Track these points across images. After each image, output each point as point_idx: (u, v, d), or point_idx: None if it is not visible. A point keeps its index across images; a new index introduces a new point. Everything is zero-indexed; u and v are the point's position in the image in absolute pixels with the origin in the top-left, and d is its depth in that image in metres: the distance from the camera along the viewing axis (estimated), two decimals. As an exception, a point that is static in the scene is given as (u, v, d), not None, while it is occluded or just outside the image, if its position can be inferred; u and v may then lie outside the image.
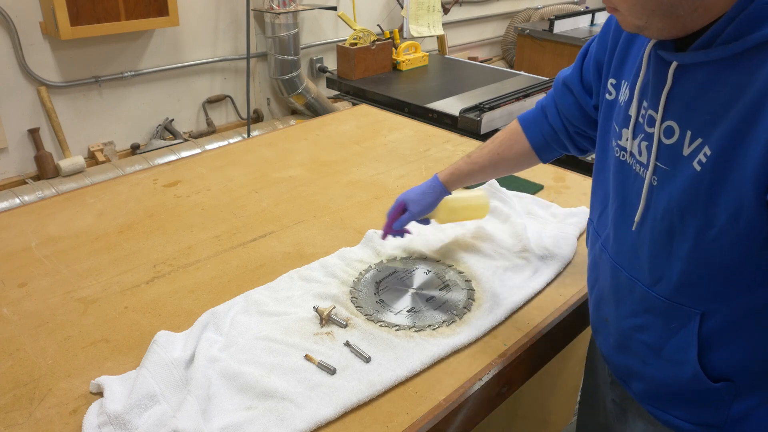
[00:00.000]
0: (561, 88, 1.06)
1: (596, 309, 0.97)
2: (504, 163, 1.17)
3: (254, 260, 1.27)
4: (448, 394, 0.93)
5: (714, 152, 0.70)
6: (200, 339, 1.01)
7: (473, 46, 4.84)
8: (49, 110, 2.77)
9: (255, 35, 3.41)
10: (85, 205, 1.50)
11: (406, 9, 3.30)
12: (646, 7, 0.69)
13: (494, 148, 1.17)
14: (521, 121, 1.15)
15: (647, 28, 0.72)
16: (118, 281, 1.20)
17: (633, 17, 0.72)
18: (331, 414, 0.88)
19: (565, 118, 1.06)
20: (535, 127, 1.12)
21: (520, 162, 1.17)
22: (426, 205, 1.20)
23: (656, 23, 0.71)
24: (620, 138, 0.85)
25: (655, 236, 0.79)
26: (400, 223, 1.19)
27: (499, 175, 1.23)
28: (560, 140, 1.10)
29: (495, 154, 1.16)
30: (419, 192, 1.21)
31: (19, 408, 0.90)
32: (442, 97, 2.53)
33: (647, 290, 0.82)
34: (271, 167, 1.71)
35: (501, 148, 1.16)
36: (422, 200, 1.20)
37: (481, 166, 1.18)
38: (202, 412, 0.88)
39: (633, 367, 0.89)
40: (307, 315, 1.08)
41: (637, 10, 0.71)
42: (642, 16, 0.71)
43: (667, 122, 0.76)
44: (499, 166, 1.18)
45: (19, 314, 1.11)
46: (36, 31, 2.66)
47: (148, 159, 2.93)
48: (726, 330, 0.77)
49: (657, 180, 0.78)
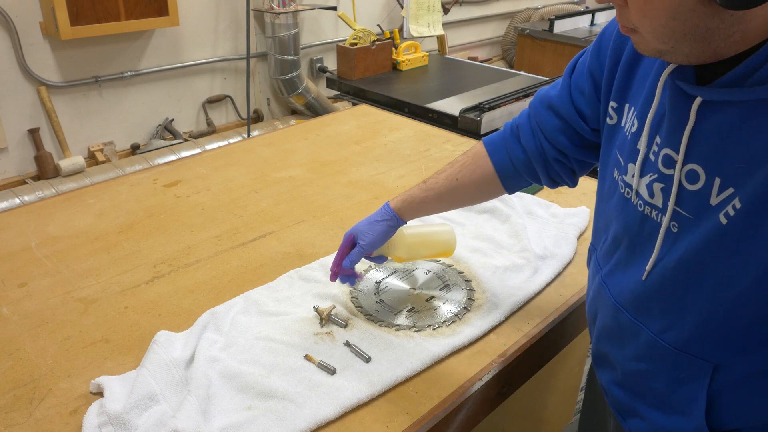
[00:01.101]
0: (543, 110, 0.94)
1: (597, 342, 0.90)
2: (463, 191, 1.02)
3: (254, 260, 1.27)
4: (448, 394, 0.93)
5: (744, 205, 0.62)
6: (200, 339, 1.01)
7: (473, 46, 4.84)
8: (49, 110, 2.77)
9: (255, 35, 3.41)
10: (85, 205, 1.50)
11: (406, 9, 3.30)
12: (676, 31, 0.60)
13: (453, 173, 1.02)
14: (486, 144, 1.01)
15: (672, 53, 0.63)
16: (118, 281, 1.20)
17: (657, 41, 0.63)
18: (331, 414, 0.88)
19: (546, 141, 0.94)
20: (502, 151, 0.99)
21: (481, 190, 1.03)
22: (377, 236, 1.03)
23: (684, 48, 0.62)
24: (625, 173, 0.77)
25: (666, 285, 0.72)
26: (350, 260, 1.02)
27: (457, 204, 1.07)
28: (531, 167, 0.97)
29: (453, 179, 1.01)
30: (368, 221, 1.04)
31: (19, 408, 0.90)
32: (442, 97, 2.53)
33: (654, 337, 0.75)
34: (271, 167, 1.71)
35: (460, 173, 1.01)
36: (372, 230, 1.03)
37: (436, 193, 1.02)
38: (202, 412, 0.88)
39: (636, 407, 0.83)
40: (307, 315, 1.08)
41: (665, 34, 0.61)
42: (669, 41, 0.62)
43: (691, 165, 0.67)
44: (457, 194, 1.02)
45: (19, 314, 1.11)
46: (36, 31, 2.66)
47: (148, 159, 2.93)
48: (739, 385, 0.71)
49: (677, 227, 0.70)
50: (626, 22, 0.65)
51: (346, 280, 1.07)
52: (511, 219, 1.37)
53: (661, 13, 0.59)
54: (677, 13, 0.59)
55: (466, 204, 1.08)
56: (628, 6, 0.63)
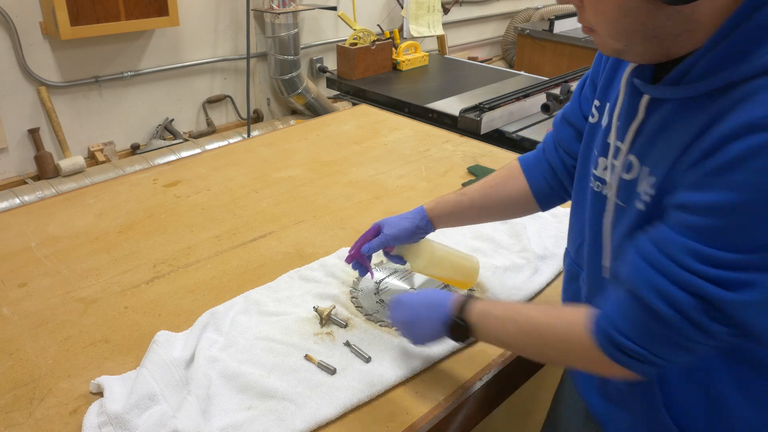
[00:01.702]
0: (559, 124, 0.98)
1: None
2: (495, 199, 1.03)
3: (254, 260, 1.27)
4: (448, 394, 0.93)
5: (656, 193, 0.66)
6: (200, 339, 1.01)
7: (473, 46, 4.84)
8: (49, 110, 2.77)
9: (255, 35, 3.41)
10: (85, 205, 1.50)
11: (406, 9, 3.30)
12: (626, 29, 0.64)
13: (487, 182, 1.05)
14: (521, 162, 1.04)
15: (627, 51, 0.67)
16: (118, 281, 1.20)
17: (612, 39, 0.66)
18: (331, 414, 0.88)
19: (564, 153, 0.97)
20: (536, 170, 1.00)
21: (515, 203, 1.03)
22: (402, 230, 1.04)
23: (637, 47, 0.65)
24: (597, 167, 0.80)
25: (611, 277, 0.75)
26: (369, 246, 1.04)
27: (490, 214, 1.06)
28: (559, 180, 0.99)
29: (487, 186, 1.04)
30: (398, 216, 1.07)
31: (19, 408, 0.90)
32: (442, 97, 2.53)
33: None
34: (271, 167, 1.71)
35: (494, 182, 1.04)
36: (399, 224, 1.04)
37: (469, 198, 1.04)
38: (202, 412, 0.88)
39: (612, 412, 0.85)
40: (307, 315, 1.08)
41: (616, 31, 0.65)
42: (622, 38, 0.65)
43: (630, 156, 0.72)
44: (490, 201, 1.04)
45: (19, 314, 1.11)
46: (36, 31, 2.66)
47: (148, 159, 2.93)
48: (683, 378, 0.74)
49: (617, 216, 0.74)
50: (584, 22, 0.69)
51: (358, 267, 1.08)
52: (511, 219, 1.37)
53: (612, 11, 0.63)
54: (626, 10, 0.62)
55: (498, 215, 1.07)
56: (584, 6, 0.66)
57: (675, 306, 0.62)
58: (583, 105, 0.93)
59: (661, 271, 0.62)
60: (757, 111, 0.55)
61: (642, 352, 0.66)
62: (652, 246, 0.64)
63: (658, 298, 0.62)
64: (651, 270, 0.63)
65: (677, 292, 0.61)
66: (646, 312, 0.64)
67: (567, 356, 0.77)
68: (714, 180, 0.58)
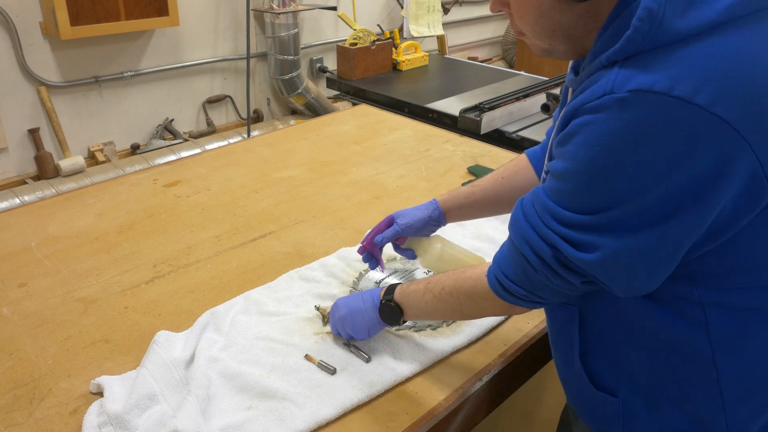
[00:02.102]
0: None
1: None
2: (508, 190, 1.07)
3: (254, 260, 1.27)
4: (448, 394, 0.93)
5: None
6: (200, 339, 1.01)
7: (473, 46, 4.84)
8: (49, 110, 2.77)
9: (255, 35, 3.41)
10: (85, 205, 1.50)
11: (406, 9, 3.30)
12: (546, 29, 0.71)
13: (498, 174, 1.09)
14: (529, 155, 1.08)
15: (554, 51, 0.74)
16: (118, 281, 1.20)
17: (537, 39, 0.74)
18: (331, 414, 0.88)
19: None
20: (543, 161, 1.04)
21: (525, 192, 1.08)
22: (415, 221, 1.08)
23: (560, 46, 0.72)
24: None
25: None
26: (382, 236, 1.08)
27: (500, 206, 1.10)
28: None
29: (499, 178, 1.08)
30: (411, 208, 1.11)
31: (19, 408, 0.90)
32: (442, 97, 2.53)
33: None
34: (271, 167, 1.71)
35: (506, 173, 1.08)
36: (412, 214, 1.09)
37: (482, 189, 1.09)
38: (202, 412, 0.88)
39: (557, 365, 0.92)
40: (307, 315, 1.08)
41: (538, 32, 0.72)
42: (545, 39, 0.72)
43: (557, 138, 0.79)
44: (501, 193, 1.08)
45: (19, 314, 1.11)
46: (36, 31, 2.66)
47: (148, 159, 2.93)
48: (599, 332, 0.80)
49: None
50: (514, 27, 0.76)
51: (368, 259, 1.12)
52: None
53: (530, 12, 0.70)
54: (542, 11, 0.69)
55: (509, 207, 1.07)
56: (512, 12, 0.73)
57: (538, 255, 0.71)
58: None
59: (531, 224, 0.72)
60: (585, 96, 0.64)
61: (522, 292, 0.76)
62: (530, 202, 0.73)
63: (527, 246, 0.72)
64: (525, 222, 0.73)
65: (540, 244, 0.70)
66: (521, 258, 0.74)
67: (478, 307, 0.86)
68: (559, 150, 0.68)
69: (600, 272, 0.67)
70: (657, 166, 0.61)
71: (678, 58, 0.60)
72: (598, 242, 0.66)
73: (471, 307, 0.86)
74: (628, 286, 0.68)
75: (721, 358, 0.73)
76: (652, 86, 0.59)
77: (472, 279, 0.85)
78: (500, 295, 0.80)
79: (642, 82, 0.60)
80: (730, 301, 0.71)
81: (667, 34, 0.60)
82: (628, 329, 0.78)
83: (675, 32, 0.60)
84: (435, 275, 0.92)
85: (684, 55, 0.60)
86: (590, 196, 0.66)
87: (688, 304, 0.72)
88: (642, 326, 0.76)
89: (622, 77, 0.61)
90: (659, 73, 0.59)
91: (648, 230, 0.64)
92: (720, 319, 0.72)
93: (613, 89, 0.61)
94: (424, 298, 0.91)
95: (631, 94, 0.60)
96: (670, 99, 0.58)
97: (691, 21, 0.60)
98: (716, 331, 0.72)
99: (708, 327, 0.72)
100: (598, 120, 0.62)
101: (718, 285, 0.71)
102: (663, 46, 0.61)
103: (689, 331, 0.73)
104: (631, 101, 0.60)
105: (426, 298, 0.90)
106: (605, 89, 0.62)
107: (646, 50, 0.61)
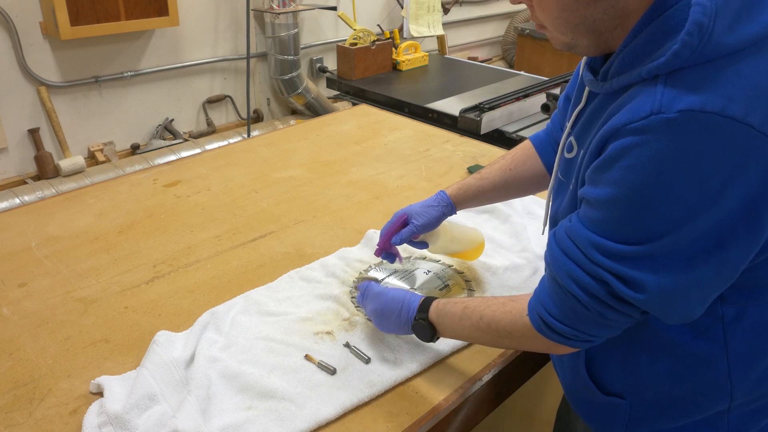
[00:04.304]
0: (562, 100, 1.01)
1: None
2: (515, 181, 1.07)
3: (254, 260, 1.27)
4: (448, 394, 0.93)
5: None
6: (200, 339, 1.01)
7: (473, 46, 4.84)
8: (49, 110, 2.77)
9: (255, 35, 3.41)
10: (85, 205, 1.50)
11: (406, 9, 3.29)
12: (570, 23, 0.68)
13: (505, 164, 1.09)
14: (533, 141, 1.08)
15: (575, 45, 0.71)
16: (118, 281, 1.20)
17: (559, 33, 0.71)
18: (331, 414, 0.88)
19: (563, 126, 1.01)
20: (547, 147, 1.04)
21: (533, 181, 1.08)
22: (431, 220, 1.08)
23: (582, 40, 0.70)
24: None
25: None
26: (400, 237, 1.07)
27: (509, 195, 1.12)
28: None
29: (507, 169, 1.08)
30: (424, 205, 1.10)
31: (19, 408, 0.90)
32: (442, 97, 2.53)
33: None
34: (271, 167, 1.71)
35: (513, 164, 1.08)
36: (427, 213, 1.08)
37: (491, 182, 1.08)
38: (202, 412, 0.88)
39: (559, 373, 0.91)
40: (307, 315, 1.08)
41: (560, 26, 0.69)
42: (567, 32, 0.70)
43: (571, 138, 0.78)
44: (509, 183, 1.08)
45: (19, 314, 1.11)
46: (36, 31, 2.66)
47: (148, 159, 2.93)
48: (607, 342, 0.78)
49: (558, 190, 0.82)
50: (536, 20, 0.73)
51: (388, 257, 1.11)
52: (511, 219, 1.37)
53: (553, 4, 0.67)
54: (565, 3, 0.66)
55: (517, 194, 1.12)
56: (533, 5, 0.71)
57: (588, 292, 0.68)
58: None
59: (574, 261, 0.68)
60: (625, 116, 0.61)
61: (571, 332, 0.72)
62: (566, 236, 0.70)
63: (574, 284, 0.68)
64: (566, 258, 0.69)
65: (588, 280, 0.67)
66: (567, 296, 0.70)
67: (518, 342, 0.82)
68: (600, 176, 0.65)
69: (654, 308, 0.65)
70: (710, 189, 0.58)
71: (728, 75, 0.58)
72: (648, 279, 0.63)
73: (511, 341, 0.83)
74: (680, 317, 0.66)
75: (737, 372, 0.72)
76: (704, 106, 0.57)
77: (513, 314, 0.80)
78: (545, 334, 0.75)
79: (693, 102, 0.57)
80: (751, 315, 0.70)
81: (715, 49, 0.58)
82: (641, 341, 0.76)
83: (723, 47, 0.58)
84: (471, 299, 0.89)
85: (733, 72, 0.58)
86: (639, 224, 0.62)
87: (710, 320, 0.71)
88: (656, 339, 0.75)
89: (669, 96, 0.58)
90: (710, 91, 0.57)
91: (703, 260, 0.62)
92: (739, 334, 0.71)
93: (661, 109, 0.58)
94: (461, 324, 0.87)
95: (682, 115, 0.57)
96: (723, 119, 0.56)
97: (739, 36, 0.58)
98: (734, 346, 0.71)
99: (727, 343, 0.71)
100: (645, 142, 0.59)
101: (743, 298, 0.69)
102: (710, 62, 0.58)
103: (707, 346, 0.72)
104: (682, 122, 0.57)
105: (463, 323, 0.87)
106: (651, 108, 0.59)
107: (692, 65, 0.59)
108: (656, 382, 0.77)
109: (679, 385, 0.75)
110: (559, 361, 0.90)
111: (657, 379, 0.76)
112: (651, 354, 0.76)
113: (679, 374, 0.75)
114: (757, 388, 0.74)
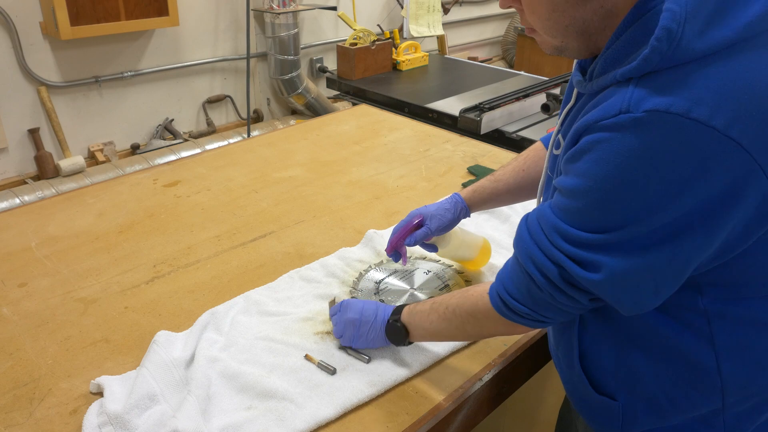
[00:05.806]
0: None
1: None
2: (529, 182, 1.08)
3: (254, 260, 1.27)
4: (448, 394, 0.93)
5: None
6: (200, 339, 1.01)
7: (473, 46, 4.84)
8: (49, 110, 2.77)
9: (255, 35, 3.41)
10: (85, 205, 1.50)
11: (406, 9, 3.29)
12: (559, 24, 0.69)
13: (518, 165, 1.09)
14: (544, 142, 1.08)
15: (565, 48, 0.72)
16: (118, 281, 1.20)
17: (549, 36, 0.72)
18: (331, 414, 0.88)
19: None
20: None
21: None
22: (446, 223, 1.09)
23: (572, 43, 0.71)
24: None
25: None
26: (414, 239, 1.07)
27: (523, 196, 1.11)
28: None
29: (520, 170, 1.08)
30: (439, 207, 1.10)
31: (19, 408, 0.90)
32: (442, 97, 2.53)
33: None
34: (271, 167, 1.71)
35: (526, 165, 1.08)
36: (443, 216, 1.09)
37: (505, 184, 1.09)
38: (202, 412, 0.88)
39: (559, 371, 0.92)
40: (307, 315, 1.08)
41: (551, 28, 0.70)
42: (557, 35, 0.71)
43: (559, 135, 0.79)
44: (523, 185, 1.09)
45: (19, 314, 1.11)
46: (36, 31, 2.66)
47: (148, 159, 2.93)
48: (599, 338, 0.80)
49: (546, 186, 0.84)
50: (525, 23, 0.74)
51: (394, 256, 1.12)
52: (511, 219, 1.37)
53: (543, 8, 0.68)
54: (555, 5, 0.67)
55: (531, 196, 1.12)
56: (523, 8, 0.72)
57: (545, 274, 0.70)
58: None
59: (536, 243, 0.71)
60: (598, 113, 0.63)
61: (525, 310, 0.76)
62: (535, 220, 0.72)
63: (532, 265, 0.71)
64: (531, 240, 0.72)
65: (546, 262, 0.70)
66: (525, 276, 0.74)
67: (481, 327, 0.85)
68: (569, 166, 0.67)
69: (607, 291, 0.67)
70: (670, 187, 0.60)
71: (695, 79, 0.59)
72: (605, 261, 0.65)
73: (473, 325, 0.85)
74: (633, 305, 0.68)
75: (726, 368, 0.73)
76: (669, 107, 0.58)
77: (474, 296, 0.84)
78: (503, 313, 0.79)
79: (659, 102, 0.59)
80: (735, 312, 0.71)
81: (684, 53, 0.59)
82: (631, 336, 0.77)
83: (693, 52, 0.59)
84: (444, 295, 0.91)
85: (701, 76, 0.59)
86: (600, 215, 0.65)
87: (693, 315, 0.72)
88: (645, 334, 0.76)
89: (638, 96, 0.60)
90: (676, 94, 0.59)
91: (657, 249, 0.63)
92: (725, 330, 0.71)
93: (629, 108, 0.60)
94: (429, 318, 0.89)
95: (648, 115, 0.59)
96: (687, 121, 0.58)
97: (709, 41, 0.59)
98: (721, 342, 0.72)
99: (713, 338, 0.72)
100: (612, 138, 0.61)
101: (723, 296, 0.70)
102: (680, 65, 0.60)
103: (694, 341, 0.73)
104: (648, 121, 0.59)
105: (431, 318, 0.89)
106: (620, 107, 0.61)
107: (662, 69, 0.60)
108: (648, 378, 0.77)
109: (670, 382, 0.76)
110: (557, 357, 0.90)
111: (649, 374, 0.77)
112: (641, 349, 0.77)
113: (669, 370, 0.76)
114: (748, 386, 0.74)
